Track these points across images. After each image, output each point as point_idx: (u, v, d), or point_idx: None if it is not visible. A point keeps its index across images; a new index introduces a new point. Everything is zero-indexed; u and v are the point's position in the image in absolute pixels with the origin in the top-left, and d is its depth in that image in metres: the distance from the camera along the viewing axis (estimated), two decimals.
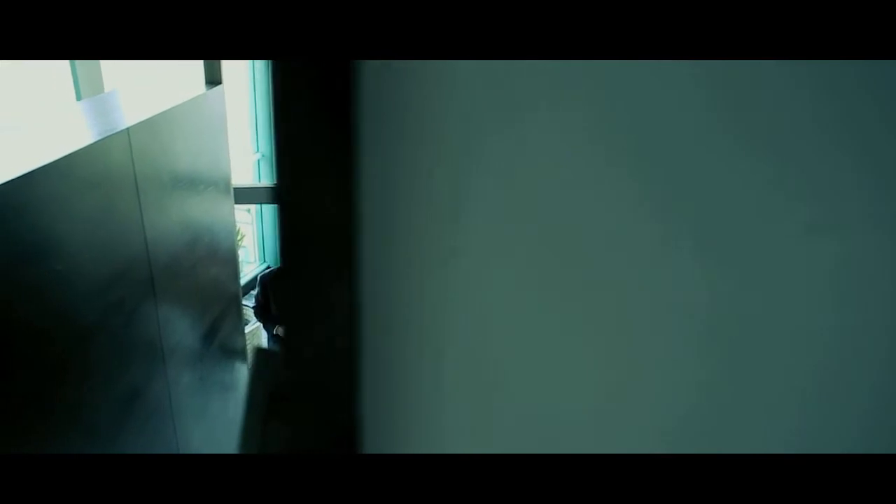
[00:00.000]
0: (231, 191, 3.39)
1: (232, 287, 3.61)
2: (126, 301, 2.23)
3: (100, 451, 2.12)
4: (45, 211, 1.74)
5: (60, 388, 1.85)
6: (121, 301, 2.19)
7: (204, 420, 3.23)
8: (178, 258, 2.70)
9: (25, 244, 1.65)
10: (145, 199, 2.31)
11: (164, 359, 2.59)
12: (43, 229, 1.73)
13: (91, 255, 1.99)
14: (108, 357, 2.12)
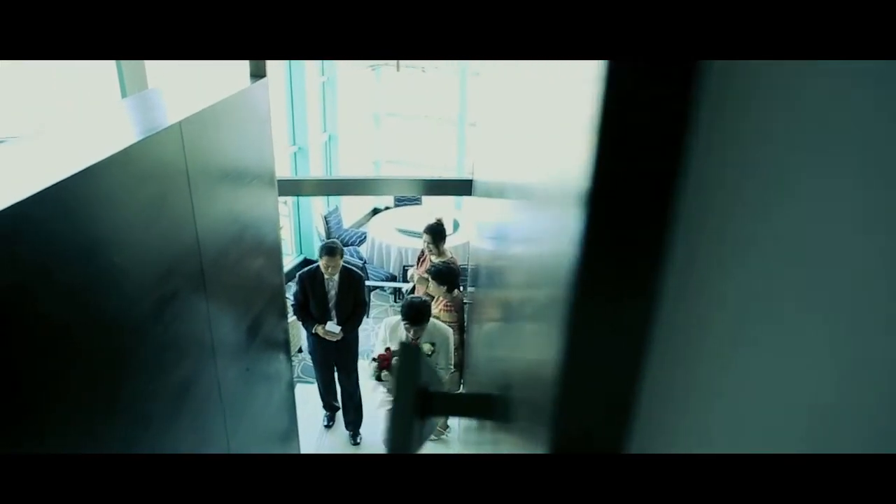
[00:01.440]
0: (275, 183, 3.41)
1: (275, 279, 3.63)
2: (179, 293, 2.25)
3: (155, 443, 2.15)
4: (105, 204, 1.76)
5: (118, 380, 1.88)
6: (174, 293, 2.21)
7: (251, 411, 3.26)
8: (226, 251, 2.72)
9: (87, 237, 1.68)
10: (196, 192, 2.32)
11: (214, 350, 2.62)
12: (103, 222, 1.75)
13: (147, 248, 2.01)
14: (162, 349, 2.14)
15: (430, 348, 3.81)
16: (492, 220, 1.01)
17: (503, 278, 0.57)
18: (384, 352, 3.73)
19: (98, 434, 1.79)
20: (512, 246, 0.60)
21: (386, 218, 8.15)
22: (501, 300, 0.54)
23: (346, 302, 4.38)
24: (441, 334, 3.89)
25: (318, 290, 4.34)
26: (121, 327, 1.87)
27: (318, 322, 4.38)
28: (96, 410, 1.78)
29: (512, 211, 0.64)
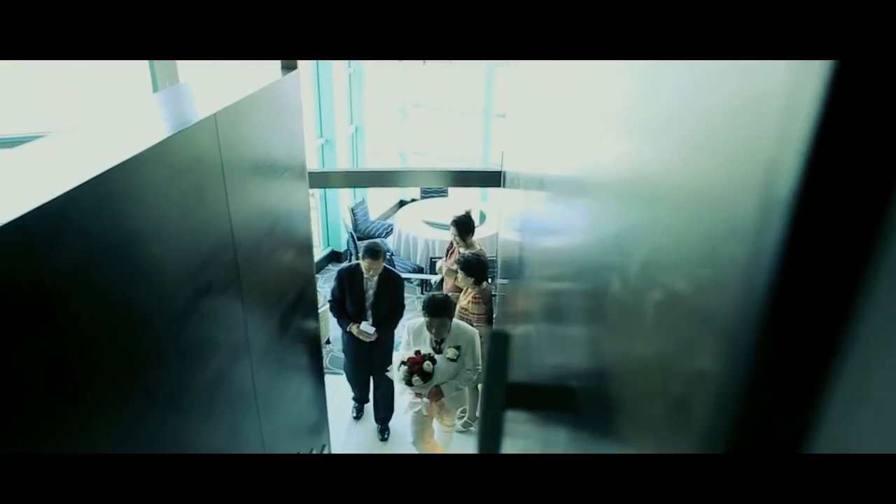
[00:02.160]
0: (306, 175, 3.42)
1: (307, 271, 3.65)
2: (214, 285, 2.27)
3: (192, 433, 2.17)
4: (143, 197, 1.77)
5: (157, 371, 1.90)
6: (209, 285, 2.23)
7: (283, 402, 3.29)
8: (259, 242, 2.74)
9: (126, 229, 1.69)
10: (230, 184, 2.34)
11: (249, 342, 2.64)
12: (141, 215, 1.76)
13: (184, 240, 2.03)
14: (198, 341, 2.16)
15: (455, 353, 3.73)
16: (537, 211, 0.99)
17: (569, 271, 0.55)
18: (413, 355, 3.65)
19: (138, 424, 1.81)
20: (581, 238, 0.58)
21: (412, 210, 8.15)
22: (566, 292, 0.53)
23: (383, 302, 4.31)
24: (466, 336, 3.80)
25: (356, 289, 4.28)
26: (159, 318, 1.89)
27: (354, 320, 4.34)
28: (137, 400, 1.80)
29: (579, 203, 0.62)
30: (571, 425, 0.39)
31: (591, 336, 0.38)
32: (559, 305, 0.60)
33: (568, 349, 0.45)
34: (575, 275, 0.48)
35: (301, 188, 3.40)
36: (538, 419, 0.45)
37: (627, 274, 0.33)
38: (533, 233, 0.99)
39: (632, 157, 0.41)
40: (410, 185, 7.44)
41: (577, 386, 0.38)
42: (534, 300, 0.83)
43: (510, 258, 2.39)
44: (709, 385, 0.27)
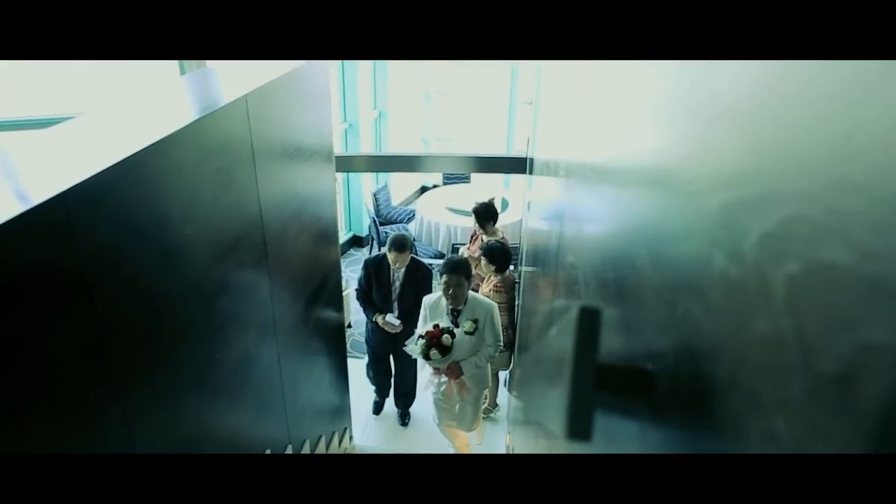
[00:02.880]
0: (333, 159, 3.42)
1: (332, 255, 3.67)
2: (243, 265, 2.28)
3: (219, 413, 2.20)
4: (176, 177, 1.78)
5: (187, 350, 1.92)
6: (238, 265, 2.25)
7: (308, 383, 3.32)
8: (286, 225, 2.75)
9: (159, 209, 1.70)
10: (260, 165, 2.35)
11: (275, 323, 2.66)
12: (174, 194, 1.78)
13: (215, 220, 2.04)
14: (228, 320, 2.18)
15: (472, 325, 3.56)
16: (584, 199, 0.98)
17: (646, 254, 0.54)
18: (431, 328, 3.51)
19: (170, 402, 1.83)
20: (668, 221, 0.57)
21: (434, 196, 8.14)
22: (639, 276, 0.52)
23: (409, 294, 4.20)
24: (483, 309, 3.62)
25: (382, 280, 4.19)
26: (190, 298, 1.90)
27: (380, 311, 4.26)
28: (169, 379, 1.82)
29: (659, 189, 0.61)
30: (668, 417, 0.37)
31: (688, 319, 0.36)
32: (627, 290, 0.58)
33: (651, 334, 0.44)
34: (657, 256, 0.47)
35: (328, 172, 3.41)
36: (618, 409, 0.44)
37: (740, 251, 0.32)
38: (577, 220, 0.97)
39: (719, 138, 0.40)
40: (435, 170, 7.43)
41: (678, 372, 0.37)
42: (584, 286, 0.82)
43: (539, 246, 2.38)
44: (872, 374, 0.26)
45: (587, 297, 0.78)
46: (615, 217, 0.64)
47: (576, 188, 1.03)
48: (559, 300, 1.16)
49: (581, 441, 0.34)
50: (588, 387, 0.34)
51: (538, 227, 2.41)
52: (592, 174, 0.82)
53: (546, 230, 1.82)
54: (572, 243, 1.02)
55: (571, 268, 0.96)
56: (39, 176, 1.43)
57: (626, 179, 0.58)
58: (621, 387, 0.39)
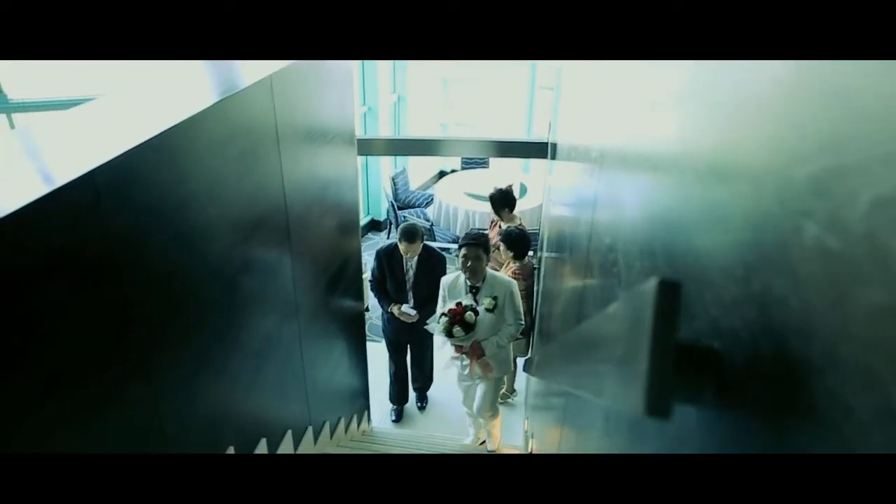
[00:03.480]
0: (355, 142, 3.41)
1: (353, 238, 3.66)
2: (266, 247, 2.29)
3: (242, 392, 2.21)
4: (202, 156, 1.78)
5: (211, 330, 1.92)
6: (262, 247, 2.25)
7: (327, 366, 3.33)
8: (309, 207, 2.75)
9: (185, 189, 1.70)
10: (284, 147, 2.34)
11: (297, 305, 2.66)
12: (200, 174, 1.77)
13: (240, 201, 2.04)
14: (250, 301, 2.19)
15: (492, 302, 3.47)
16: (619, 183, 0.96)
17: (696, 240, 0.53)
18: (454, 307, 3.40)
19: (194, 381, 1.84)
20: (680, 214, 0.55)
21: (453, 180, 8.11)
22: (687, 263, 0.50)
23: (423, 282, 4.11)
24: (502, 287, 3.51)
25: (395, 270, 4.11)
26: (215, 278, 1.91)
27: (395, 301, 4.19)
28: (193, 357, 1.83)
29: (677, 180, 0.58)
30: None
31: (770, 294, 0.35)
32: (684, 270, 0.56)
33: (717, 311, 0.42)
34: (723, 234, 0.45)
35: (350, 155, 3.40)
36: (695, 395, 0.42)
37: (840, 220, 0.30)
38: (616, 204, 0.95)
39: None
40: (455, 154, 7.39)
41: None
42: (624, 269, 0.80)
43: (564, 231, 2.35)
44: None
45: (629, 280, 0.76)
46: (668, 199, 0.62)
47: (614, 172, 1.00)
48: (593, 284, 1.14)
49: (658, 418, 0.33)
50: (653, 369, 0.32)
51: (563, 213, 2.38)
52: (638, 157, 0.79)
53: (574, 216, 1.79)
54: (609, 227, 0.99)
55: (608, 251, 0.94)
56: (66, 156, 1.43)
57: (686, 159, 0.56)
58: (690, 367, 0.37)
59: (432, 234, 6.76)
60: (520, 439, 4.34)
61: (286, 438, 2.71)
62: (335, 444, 3.52)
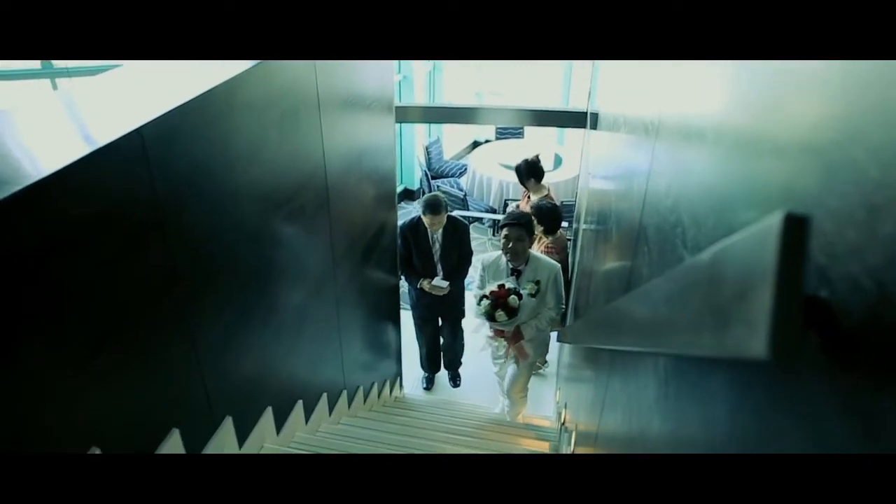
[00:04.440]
0: (393, 109, 3.38)
1: (390, 205, 3.66)
2: (306, 209, 2.29)
3: (282, 353, 2.23)
4: (245, 116, 1.77)
5: (252, 289, 1.94)
6: (302, 209, 2.25)
7: (362, 332, 3.36)
8: (348, 171, 2.74)
9: (230, 147, 1.70)
10: (324, 110, 2.32)
11: (335, 270, 2.67)
12: (243, 134, 1.77)
13: (281, 162, 2.04)
14: (289, 263, 2.20)
15: (534, 287, 3.30)
16: (682, 154, 0.92)
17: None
18: (496, 289, 3.25)
19: (235, 338, 1.86)
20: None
21: (487, 151, 8.03)
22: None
23: (451, 253, 4.00)
24: (546, 269, 3.35)
25: (421, 243, 3.96)
26: (256, 237, 1.91)
27: (422, 276, 4.04)
28: (235, 315, 1.85)
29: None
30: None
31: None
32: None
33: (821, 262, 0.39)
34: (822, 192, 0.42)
35: (388, 122, 3.37)
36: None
37: None
38: (676, 175, 0.93)
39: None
40: (491, 122, 7.30)
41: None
42: (691, 239, 0.77)
43: (604, 203, 2.30)
44: None
45: (695, 248, 0.74)
46: (744, 168, 0.59)
47: (675, 140, 0.97)
48: (648, 251, 1.12)
49: (780, 369, 0.31)
50: (776, 313, 0.29)
51: (606, 184, 2.33)
52: (713, 126, 0.76)
53: (621, 186, 1.75)
54: (667, 198, 0.97)
55: (667, 223, 0.92)
56: (112, 115, 1.44)
57: (773, 125, 0.53)
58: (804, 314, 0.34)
59: (466, 204, 6.72)
60: (551, 409, 4.34)
61: (321, 401, 2.75)
62: (368, 408, 3.56)
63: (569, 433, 2.73)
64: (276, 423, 2.25)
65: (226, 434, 1.88)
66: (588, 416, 2.03)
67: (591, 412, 1.93)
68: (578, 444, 2.31)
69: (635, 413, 1.04)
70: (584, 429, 2.16)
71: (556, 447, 3.21)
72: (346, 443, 2.59)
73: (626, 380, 1.20)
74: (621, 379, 1.27)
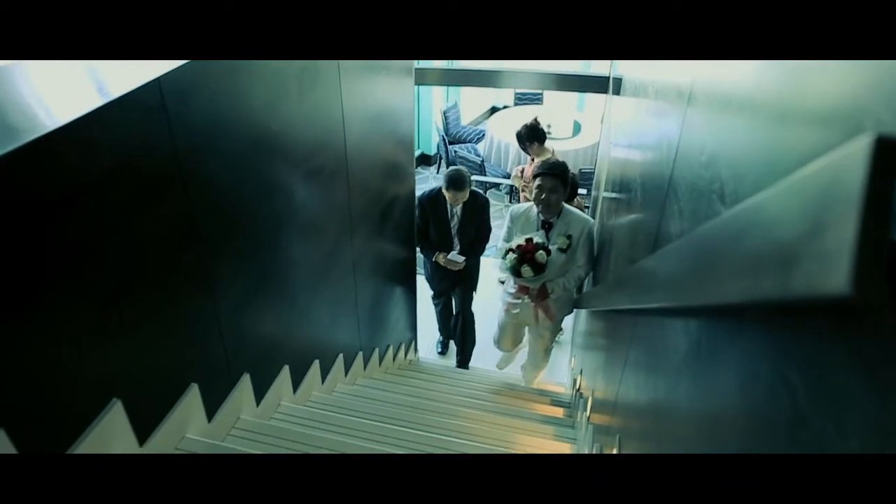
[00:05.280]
0: (412, 71, 3.32)
1: (408, 168, 3.62)
2: (325, 168, 2.26)
3: (300, 311, 2.23)
4: (264, 69, 1.74)
5: (270, 246, 1.93)
6: (321, 168, 2.22)
7: (379, 295, 3.35)
8: (366, 133, 2.70)
9: (249, 102, 1.67)
10: (343, 68, 2.28)
11: (352, 230, 2.66)
12: (262, 88, 1.74)
13: (300, 119, 2.01)
14: (308, 221, 2.18)
15: (566, 241, 3.02)
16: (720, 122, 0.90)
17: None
18: (524, 243, 2.97)
19: (254, 294, 1.86)
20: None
21: (505, 116, 7.92)
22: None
23: (469, 228, 3.83)
24: (579, 224, 3.06)
25: (440, 216, 3.80)
26: (274, 194, 1.90)
27: (439, 249, 3.89)
28: (254, 271, 1.84)
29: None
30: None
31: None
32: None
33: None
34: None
35: (407, 83, 3.32)
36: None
37: None
38: (711, 144, 0.90)
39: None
40: (511, 86, 7.19)
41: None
42: (720, 190, 0.75)
43: (627, 169, 2.26)
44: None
45: (735, 201, 0.72)
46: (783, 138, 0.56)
47: (709, 106, 0.95)
48: (675, 214, 1.09)
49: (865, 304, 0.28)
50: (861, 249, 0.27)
51: (630, 148, 2.28)
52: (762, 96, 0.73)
53: (647, 149, 1.71)
54: (702, 155, 0.95)
55: (702, 179, 0.89)
56: (129, 67, 1.41)
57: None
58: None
59: (483, 170, 6.66)
60: (565, 376, 4.35)
61: (338, 361, 2.76)
62: (383, 370, 3.58)
63: (584, 399, 2.72)
64: (293, 382, 2.27)
65: (243, 391, 1.89)
66: (606, 382, 2.01)
67: (609, 378, 1.92)
68: (594, 411, 2.31)
69: (661, 375, 1.02)
70: (601, 395, 2.16)
71: (571, 413, 3.22)
72: (362, 403, 2.60)
73: (650, 342, 1.18)
74: (645, 342, 1.25)
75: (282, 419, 2.12)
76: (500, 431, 2.57)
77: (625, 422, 1.49)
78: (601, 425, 2.01)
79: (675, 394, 0.90)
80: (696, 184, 0.91)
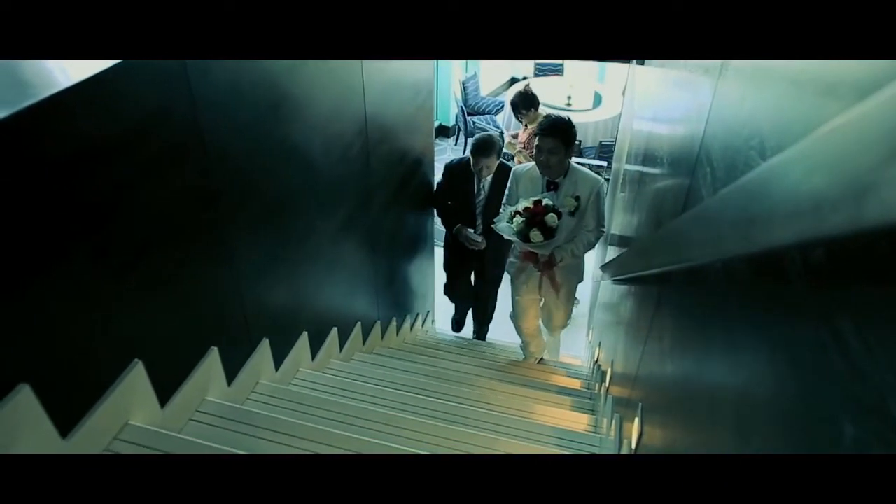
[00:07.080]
0: None
1: (426, 139, 3.59)
2: (344, 135, 2.24)
3: (318, 279, 2.23)
4: None
5: (290, 213, 1.91)
6: (340, 134, 2.20)
7: (396, 264, 3.35)
8: (386, 101, 2.67)
9: (267, 66, 1.65)
10: None
11: (370, 200, 2.64)
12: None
13: (319, 83, 1.98)
14: (326, 188, 2.17)
15: (573, 203, 2.79)
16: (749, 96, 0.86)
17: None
18: (531, 205, 2.72)
19: (273, 261, 1.85)
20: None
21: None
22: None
23: (495, 207, 3.20)
24: (587, 184, 2.81)
25: (467, 189, 3.44)
26: (294, 162, 1.88)
27: (461, 221, 3.51)
28: (273, 238, 1.84)
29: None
30: None
31: None
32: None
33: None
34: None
35: None
36: None
37: None
38: (743, 117, 0.87)
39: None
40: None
41: None
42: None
43: (649, 136, 2.21)
44: None
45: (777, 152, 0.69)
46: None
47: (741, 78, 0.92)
48: (707, 175, 1.06)
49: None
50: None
51: (657, 115, 2.23)
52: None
53: (676, 118, 1.67)
54: (741, 111, 0.92)
55: (738, 137, 0.86)
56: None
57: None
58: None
59: (502, 140, 6.59)
60: (581, 350, 4.33)
61: (356, 330, 2.76)
62: (401, 340, 3.59)
63: (603, 371, 2.71)
64: (312, 349, 2.27)
65: (262, 356, 1.89)
66: (627, 353, 1.99)
67: (630, 348, 1.90)
68: (614, 382, 2.29)
69: (690, 343, 0.99)
70: (621, 367, 2.14)
71: (589, 385, 3.21)
72: (380, 371, 2.61)
73: (679, 308, 1.15)
74: (672, 308, 1.23)
75: (301, 385, 2.13)
76: (518, 400, 2.57)
77: (647, 392, 1.47)
78: (621, 397, 2.00)
79: (708, 357, 0.88)
80: (730, 143, 0.88)
